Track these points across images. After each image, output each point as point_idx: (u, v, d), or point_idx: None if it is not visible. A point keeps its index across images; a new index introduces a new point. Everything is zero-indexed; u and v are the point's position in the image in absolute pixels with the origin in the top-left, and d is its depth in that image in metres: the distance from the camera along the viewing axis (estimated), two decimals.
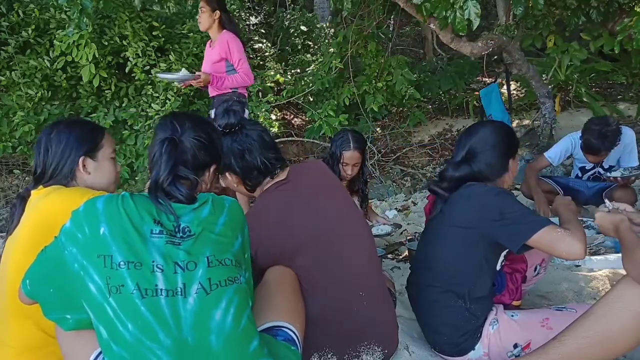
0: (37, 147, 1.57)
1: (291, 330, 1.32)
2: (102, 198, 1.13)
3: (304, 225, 1.50)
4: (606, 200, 1.62)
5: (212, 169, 1.33)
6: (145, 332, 1.04)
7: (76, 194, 1.43)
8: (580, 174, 3.29)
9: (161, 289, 1.06)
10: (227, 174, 1.60)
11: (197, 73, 3.35)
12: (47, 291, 1.15)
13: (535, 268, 1.94)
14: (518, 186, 4.10)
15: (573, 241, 1.42)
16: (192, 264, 1.10)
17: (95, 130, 1.61)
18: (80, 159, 1.54)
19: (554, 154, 3.20)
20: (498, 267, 1.69)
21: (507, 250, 1.67)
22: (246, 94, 3.59)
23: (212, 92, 3.52)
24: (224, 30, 3.45)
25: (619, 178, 2.91)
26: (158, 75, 3.41)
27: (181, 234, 1.12)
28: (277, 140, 3.04)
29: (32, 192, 1.51)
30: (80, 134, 1.56)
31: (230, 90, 3.48)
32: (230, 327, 1.10)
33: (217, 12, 3.38)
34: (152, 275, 1.06)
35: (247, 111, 3.56)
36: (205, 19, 3.38)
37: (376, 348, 1.52)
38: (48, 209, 1.41)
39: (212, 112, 3.54)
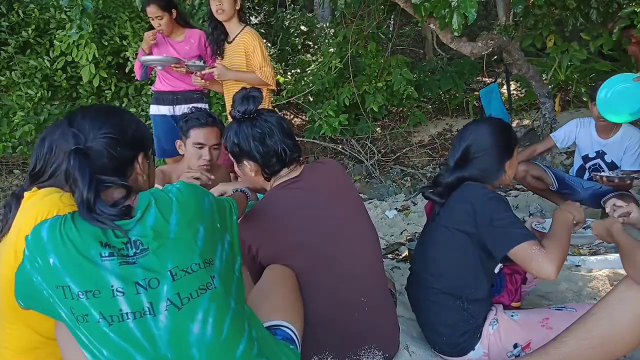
0: (38, 145, 1.50)
1: (290, 329, 1.31)
2: (46, 225, 1.05)
3: (308, 226, 1.49)
4: (607, 207, 1.61)
5: (140, 159, 1.21)
6: (122, 356, 1.01)
7: (70, 201, 1.39)
8: (582, 163, 3.15)
9: (126, 313, 1.01)
10: (245, 162, 1.57)
11: (182, 59, 3.26)
12: (39, 310, 1.12)
13: None
14: (519, 186, 4.10)
15: (544, 262, 1.40)
16: (154, 280, 1.03)
17: None
18: None
19: (559, 135, 3.12)
20: (496, 271, 1.68)
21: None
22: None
23: (179, 86, 3.48)
24: (188, 27, 3.51)
25: (604, 177, 2.71)
26: (141, 58, 3.35)
27: (134, 250, 1.03)
28: None
29: (26, 193, 1.44)
30: None
31: (201, 89, 3.53)
32: (211, 338, 1.05)
33: (174, 12, 3.39)
34: (114, 300, 1.00)
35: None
36: (167, 23, 3.36)
37: (377, 352, 1.52)
38: (42, 214, 1.35)
39: (177, 108, 3.49)
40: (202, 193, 1.16)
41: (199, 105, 3.46)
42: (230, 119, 1.84)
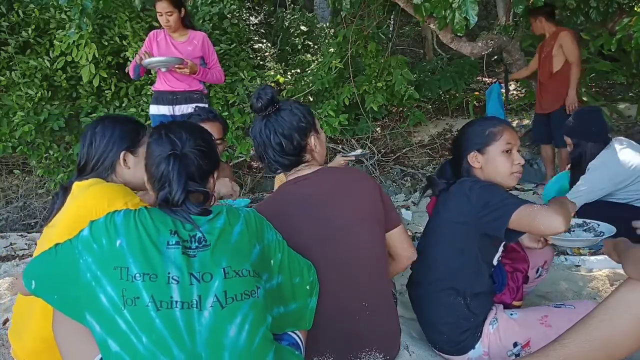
0: (82, 140, 1.64)
1: (295, 334, 1.32)
2: (120, 212, 1.15)
3: (310, 226, 1.48)
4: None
5: (215, 175, 1.33)
6: (159, 345, 1.03)
7: (115, 190, 1.47)
8: None
9: (176, 301, 1.06)
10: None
11: (185, 60, 3.32)
12: (52, 297, 1.15)
13: (537, 270, 1.95)
14: (519, 185, 4.11)
15: (550, 214, 1.40)
16: (207, 275, 1.09)
17: (137, 127, 1.66)
18: (122, 154, 1.59)
19: None
20: (495, 262, 1.69)
21: (504, 243, 1.67)
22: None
23: (178, 87, 3.49)
24: (191, 28, 3.53)
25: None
26: (144, 61, 3.36)
27: (196, 244, 1.12)
28: None
29: (75, 183, 1.55)
30: (124, 129, 1.62)
31: (201, 88, 3.56)
32: (243, 345, 1.09)
33: (183, 10, 3.41)
34: (168, 286, 1.06)
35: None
36: (176, 20, 3.38)
37: (377, 354, 1.51)
38: (87, 201, 1.44)
39: (176, 108, 3.51)
40: (267, 225, 1.29)
41: (200, 105, 3.47)
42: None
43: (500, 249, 1.69)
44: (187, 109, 3.47)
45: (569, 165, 3.07)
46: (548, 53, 4.16)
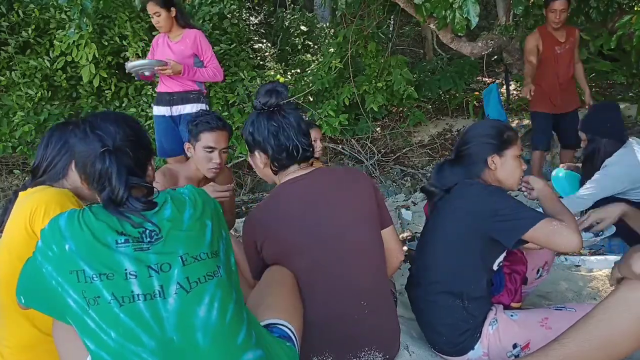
0: (41, 141, 1.63)
1: (287, 327, 1.32)
2: (64, 215, 1.12)
3: (309, 227, 1.48)
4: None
5: (152, 162, 1.30)
6: (129, 337, 1.04)
7: (56, 196, 1.46)
8: None
9: (138, 294, 1.05)
10: (256, 152, 1.57)
11: (167, 60, 3.29)
12: (40, 307, 1.15)
13: (538, 270, 1.94)
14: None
15: (570, 233, 1.44)
16: (166, 265, 1.09)
17: None
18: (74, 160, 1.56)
19: None
20: (495, 267, 1.69)
21: (505, 250, 1.67)
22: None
23: (174, 87, 3.46)
24: (188, 27, 3.48)
25: None
26: (127, 65, 3.31)
27: (149, 239, 1.10)
28: None
29: (20, 193, 1.53)
30: None
31: (197, 88, 3.50)
32: (215, 322, 1.10)
33: (173, 10, 3.36)
34: (126, 282, 1.05)
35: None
36: (165, 20, 3.34)
37: (377, 354, 1.51)
38: (28, 209, 1.43)
39: (174, 109, 3.50)
40: (208, 195, 1.27)
41: (197, 105, 3.47)
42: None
43: (503, 255, 1.68)
44: (183, 109, 3.47)
45: (569, 164, 3.06)
46: (568, 51, 3.92)
